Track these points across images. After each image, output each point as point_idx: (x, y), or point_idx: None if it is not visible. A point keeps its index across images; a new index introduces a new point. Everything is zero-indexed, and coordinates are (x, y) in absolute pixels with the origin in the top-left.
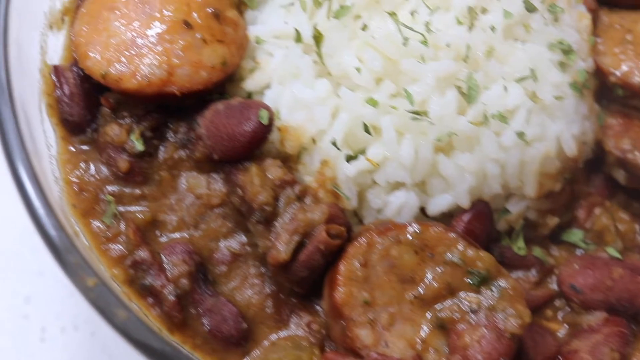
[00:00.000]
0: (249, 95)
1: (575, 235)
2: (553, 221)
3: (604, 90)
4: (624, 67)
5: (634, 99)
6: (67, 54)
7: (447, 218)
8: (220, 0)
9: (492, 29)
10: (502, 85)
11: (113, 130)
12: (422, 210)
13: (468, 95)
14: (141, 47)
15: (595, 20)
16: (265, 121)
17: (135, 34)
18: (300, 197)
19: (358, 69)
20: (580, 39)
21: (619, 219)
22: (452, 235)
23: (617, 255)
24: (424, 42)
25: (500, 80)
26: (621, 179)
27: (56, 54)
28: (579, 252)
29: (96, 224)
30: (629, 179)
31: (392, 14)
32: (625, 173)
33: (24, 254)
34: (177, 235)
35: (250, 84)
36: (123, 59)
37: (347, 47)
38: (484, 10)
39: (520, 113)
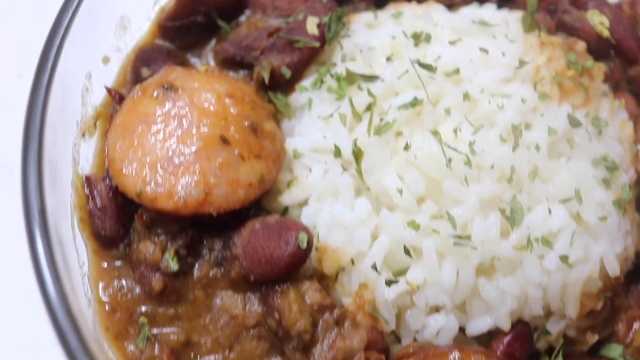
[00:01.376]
0: (286, 210)
1: (614, 351)
2: (593, 338)
3: None
4: None
5: None
6: (99, 161)
7: (486, 336)
8: (258, 112)
9: (537, 147)
10: (546, 206)
11: (147, 249)
12: (461, 328)
13: (511, 218)
14: (177, 166)
15: (637, 125)
16: (304, 245)
17: (171, 151)
18: (338, 322)
19: (400, 191)
20: (623, 149)
21: None
22: None
23: None
24: (468, 163)
25: (544, 202)
26: None
27: (87, 162)
28: None
29: (130, 347)
30: None
31: (435, 133)
32: None
33: None
34: (212, 357)
35: (288, 198)
36: (158, 178)
37: (388, 164)
38: (528, 127)
39: (564, 236)
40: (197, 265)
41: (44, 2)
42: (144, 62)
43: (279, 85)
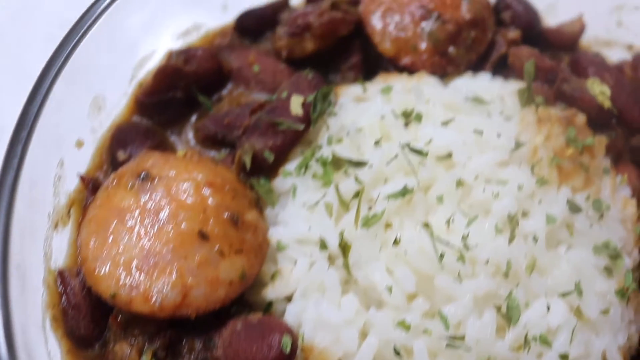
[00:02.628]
0: (270, 304)
1: None
2: None
3: None
4: None
5: None
6: (73, 250)
7: None
8: (239, 201)
9: (535, 239)
10: (544, 302)
11: (123, 351)
12: None
13: (508, 316)
14: (153, 266)
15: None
16: (287, 350)
17: (146, 249)
18: None
19: (389, 288)
20: (625, 230)
21: None
22: None
23: None
24: (461, 259)
25: (542, 297)
26: None
27: (62, 253)
28: None
29: None
30: None
31: (426, 226)
32: None
33: None
34: None
35: (272, 293)
36: (133, 280)
37: (376, 258)
38: (525, 214)
39: (564, 332)
40: None
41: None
42: (120, 143)
43: (261, 170)
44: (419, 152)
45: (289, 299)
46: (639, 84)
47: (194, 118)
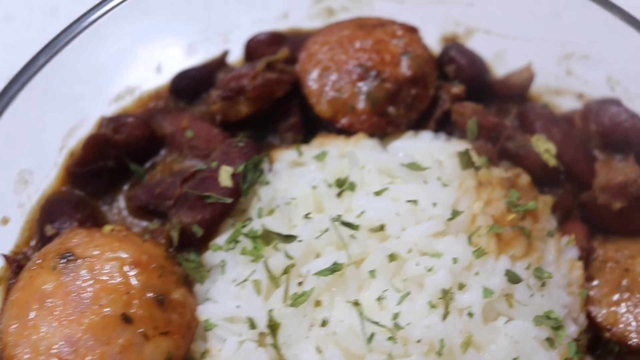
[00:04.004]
0: None
1: None
2: None
3: (599, 342)
4: (621, 322)
5: (632, 355)
6: None
7: None
8: (166, 279)
9: (470, 314)
10: None
11: None
12: None
13: None
14: (74, 353)
15: (590, 255)
16: None
17: (68, 335)
18: None
19: None
20: (571, 296)
21: None
22: None
23: None
24: (392, 339)
25: None
26: None
27: None
28: None
29: None
30: None
31: (356, 304)
32: None
33: None
34: None
35: None
36: None
37: (306, 337)
38: (462, 287)
39: None
40: None
41: None
42: (48, 217)
43: (191, 244)
44: (349, 225)
45: None
46: (588, 136)
47: (127, 187)
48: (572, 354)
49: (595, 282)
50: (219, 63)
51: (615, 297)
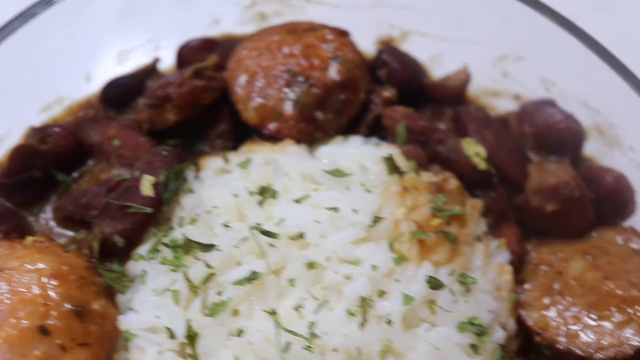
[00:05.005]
0: None
1: None
2: None
3: (531, 346)
4: (550, 326)
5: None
6: None
7: None
8: (85, 290)
9: (389, 322)
10: None
11: None
12: None
13: None
14: None
15: (522, 258)
16: None
17: None
18: None
19: None
20: (498, 301)
21: None
22: None
23: None
24: (309, 349)
25: None
26: None
27: None
28: None
29: None
30: None
31: (272, 313)
32: None
33: None
34: None
35: None
36: None
37: (225, 347)
38: (382, 294)
39: None
40: None
41: None
42: None
43: (114, 254)
44: (268, 234)
45: None
46: (523, 138)
47: (55, 197)
48: (497, 359)
49: (527, 286)
50: (149, 71)
51: (547, 300)
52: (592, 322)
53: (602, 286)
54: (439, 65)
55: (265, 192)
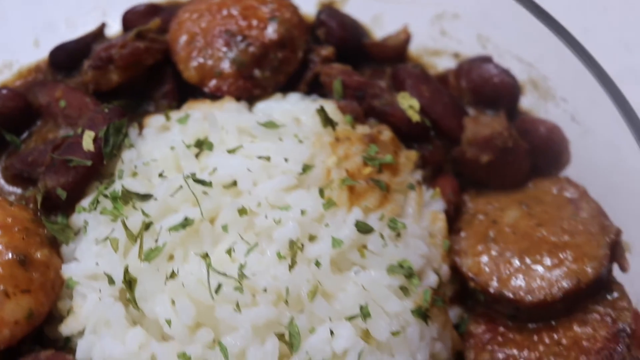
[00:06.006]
0: (67, 340)
1: None
2: None
3: (467, 292)
4: (483, 272)
5: (496, 304)
6: None
7: None
8: (29, 241)
9: (317, 264)
10: (328, 327)
11: None
12: None
13: (290, 343)
14: None
15: (460, 207)
16: None
17: None
18: None
19: (168, 322)
20: (432, 244)
21: None
22: None
23: None
24: (239, 289)
25: (327, 322)
26: None
27: None
28: None
29: None
30: None
31: (204, 257)
32: None
33: None
34: None
35: (65, 329)
36: None
37: (161, 291)
38: (312, 239)
39: (351, 357)
40: None
41: None
42: None
43: (58, 207)
44: (202, 182)
45: (82, 334)
46: (461, 93)
47: (4, 157)
48: (426, 302)
49: (463, 234)
50: (96, 35)
51: (481, 247)
52: (524, 267)
53: (535, 233)
54: (380, 26)
55: (202, 145)
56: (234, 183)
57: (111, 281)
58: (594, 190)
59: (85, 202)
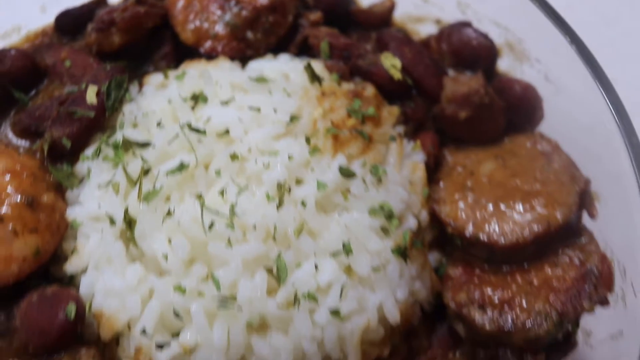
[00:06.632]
0: (71, 278)
1: None
2: None
3: (446, 238)
4: (460, 217)
5: (472, 248)
6: None
7: None
8: (37, 186)
9: (303, 204)
10: (313, 262)
11: None
12: None
13: (277, 276)
14: None
15: (440, 161)
16: (71, 316)
17: None
18: None
19: (165, 256)
20: (411, 192)
21: None
22: None
23: None
24: (230, 226)
25: (312, 257)
26: (461, 332)
27: None
28: None
29: None
30: (467, 332)
31: (198, 197)
32: (464, 327)
33: None
34: None
35: (70, 267)
36: None
37: (159, 230)
38: (299, 182)
39: (334, 289)
40: None
41: None
42: None
43: (63, 156)
44: (197, 131)
45: (85, 271)
46: (442, 56)
47: (13, 113)
48: (405, 242)
49: (441, 184)
50: (99, 2)
51: (458, 195)
52: (498, 213)
53: (509, 182)
54: None
55: (197, 98)
56: (227, 131)
57: (112, 222)
58: (565, 144)
59: (89, 151)
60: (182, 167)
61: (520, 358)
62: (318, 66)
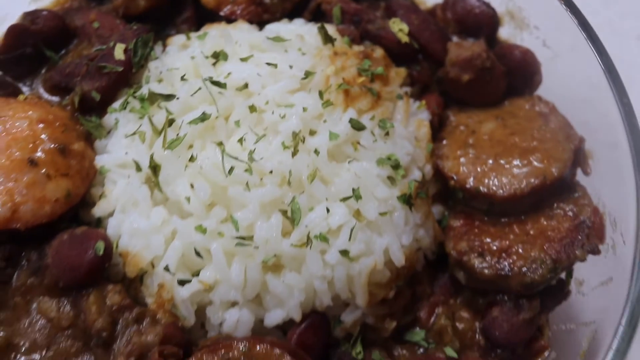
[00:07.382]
0: (99, 221)
1: (417, 335)
2: (391, 325)
3: (448, 192)
4: (462, 171)
5: (473, 200)
6: None
7: (291, 326)
8: (68, 134)
9: (316, 152)
10: (324, 206)
11: None
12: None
13: (292, 218)
14: None
15: (444, 121)
16: (100, 252)
17: None
18: (138, 320)
19: (187, 198)
20: (417, 147)
21: (460, 317)
22: (277, 351)
23: (454, 354)
24: (248, 170)
25: (324, 201)
26: (462, 279)
27: None
28: (422, 351)
29: None
30: (467, 279)
31: (219, 144)
32: (464, 274)
33: None
34: (30, 356)
35: (97, 210)
36: None
37: (181, 175)
38: (312, 133)
39: (344, 232)
40: (16, 275)
41: None
42: None
43: (92, 109)
44: (217, 84)
45: (112, 214)
46: (446, 24)
47: (44, 71)
48: (410, 190)
49: (445, 142)
50: None
51: (460, 152)
52: (498, 167)
53: (508, 140)
54: None
55: (218, 56)
56: (246, 85)
57: (138, 168)
58: (562, 106)
59: (117, 104)
60: (204, 117)
61: (517, 304)
62: (331, 29)
